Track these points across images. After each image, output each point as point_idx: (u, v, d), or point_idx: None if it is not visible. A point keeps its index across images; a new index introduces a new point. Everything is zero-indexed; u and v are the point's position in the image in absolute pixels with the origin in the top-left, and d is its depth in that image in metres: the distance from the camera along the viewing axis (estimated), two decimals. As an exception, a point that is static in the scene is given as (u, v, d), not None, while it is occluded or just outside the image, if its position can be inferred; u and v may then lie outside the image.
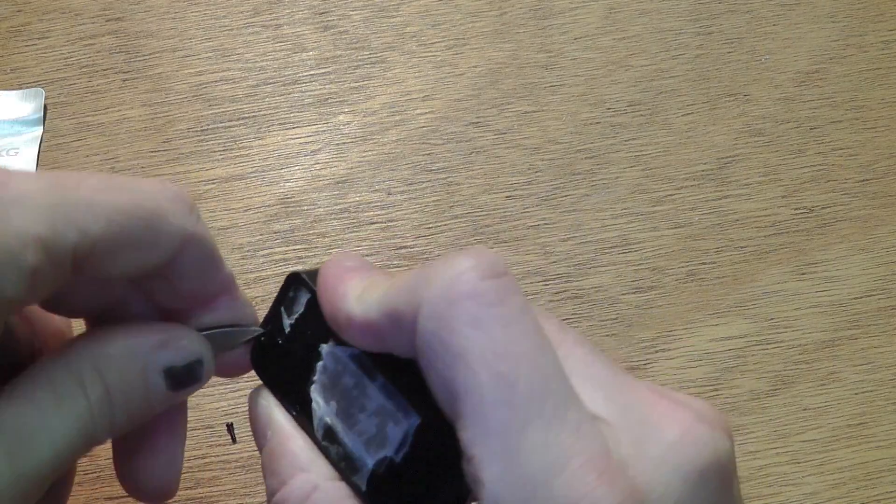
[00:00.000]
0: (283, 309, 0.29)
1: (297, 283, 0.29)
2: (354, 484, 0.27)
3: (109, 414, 0.26)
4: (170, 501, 0.30)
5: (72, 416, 0.25)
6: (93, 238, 0.25)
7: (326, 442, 0.28)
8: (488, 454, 0.23)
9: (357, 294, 0.26)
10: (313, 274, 0.29)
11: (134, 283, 0.28)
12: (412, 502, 0.27)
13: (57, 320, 0.29)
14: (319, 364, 0.28)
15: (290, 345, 0.29)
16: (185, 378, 0.28)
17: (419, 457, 0.26)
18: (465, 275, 0.24)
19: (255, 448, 0.43)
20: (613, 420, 0.24)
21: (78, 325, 0.30)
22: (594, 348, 0.26)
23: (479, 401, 0.23)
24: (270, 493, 0.27)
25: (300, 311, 0.29)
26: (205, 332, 0.29)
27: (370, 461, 0.27)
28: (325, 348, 0.28)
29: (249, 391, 0.30)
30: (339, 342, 0.28)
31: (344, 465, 0.27)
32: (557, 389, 0.23)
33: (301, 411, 0.28)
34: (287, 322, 0.29)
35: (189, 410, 0.31)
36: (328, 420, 0.28)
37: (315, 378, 0.28)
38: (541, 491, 0.22)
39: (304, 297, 0.29)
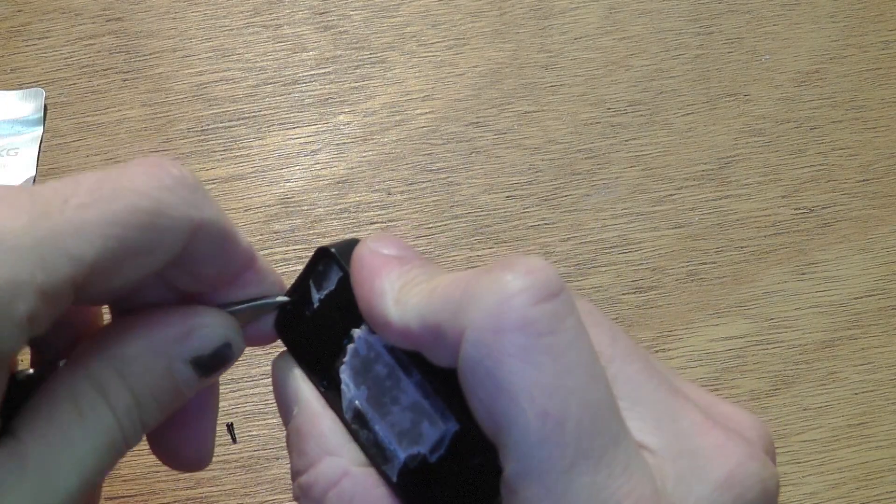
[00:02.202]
0: (311, 282, 0.28)
1: (328, 259, 0.28)
2: (385, 473, 0.26)
3: (138, 417, 0.25)
4: (169, 501, 0.29)
5: (98, 432, 0.24)
6: (89, 262, 0.23)
7: (356, 425, 0.27)
8: (532, 494, 0.22)
9: (395, 295, 0.25)
10: (344, 249, 0.28)
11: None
12: (442, 502, 0.26)
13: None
14: (350, 346, 0.27)
15: (318, 320, 0.28)
16: (214, 363, 0.26)
17: (453, 463, 0.26)
18: (515, 298, 0.22)
19: (255, 448, 0.43)
20: (661, 451, 0.23)
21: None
22: (648, 361, 0.25)
23: (525, 438, 0.22)
24: (296, 473, 0.26)
25: (330, 289, 0.28)
26: (231, 309, 0.27)
27: (402, 454, 0.26)
28: (357, 332, 0.27)
29: (249, 391, 0.29)
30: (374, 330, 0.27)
31: (374, 451, 0.26)
32: (607, 426, 0.22)
33: (329, 387, 0.27)
34: (316, 296, 0.28)
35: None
36: (358, 404, 0.27)
37: (345, 360, 0.27)
38: None
39: (335, 275, 0.28)
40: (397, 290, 0.25)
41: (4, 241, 0.21)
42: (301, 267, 0.28)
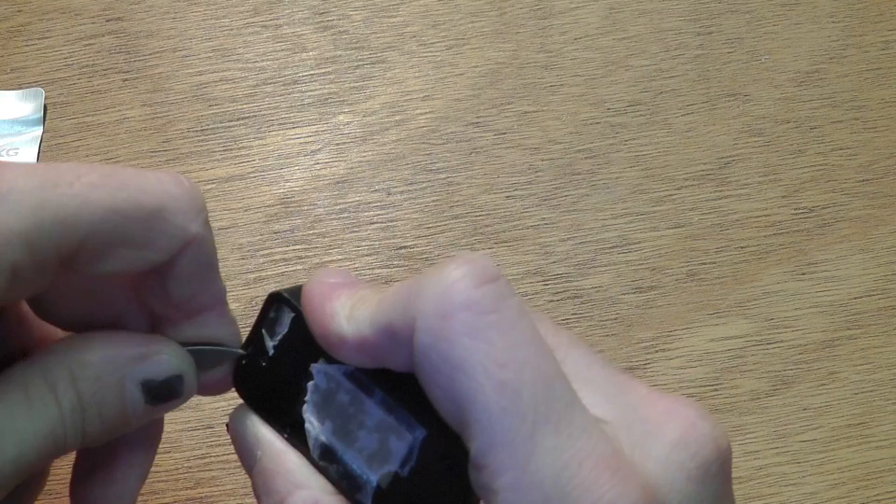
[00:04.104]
0: (264, 330, 0.29)
1: (279, 303, 0.28)
2: (358, 502, 0.26)
3: (81, 422, 0.26)
4: (169, 501, 0.30)
5: (41, 420, 0.25)
6: (81, 236, 0.24)
7: (325, 462, 0.27)
8: (499, 463, 0.22)
9: (346, 313, 0.26)
10: (296, 292, 0.28)
11: (128, 286, 0.28)
12: None
13: (50, 326, 0.29)
14: (310, 383, 0.28)
15: (275, 366, 0.28)
16: (163, 393, 0.27)
17: (426, 470, 0.26)
18: (458, 283, 0.23)
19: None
20: (615, 421, 0.24)
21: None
22: (589, 348, 0.26)
23: (485, 411, 0.23)
24: None
25: (284, 332, 0.28)
26: (188, 348, 0.28)
27: (373, 477, 0.26)
28: (315, 367, 0.28)
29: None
30: (331, 360, 0.27)
31: (346, 483, 0.27)
32: (561, 393, 0.23)
33: (293, 432, 0.28)
34: (270, 344, 0.28)
35: (189, 410, 0.31)
36: (324, 439, 0.27)
37: (307, 398, 0.28)
38: (556, 495, 0.22)
39: (287, 317, 0.28)
40: (348, 309, 0.26)
41: (12, 192, 0.23)
42: (300, 267, 0.29)
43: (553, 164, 0.50)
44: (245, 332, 0.29)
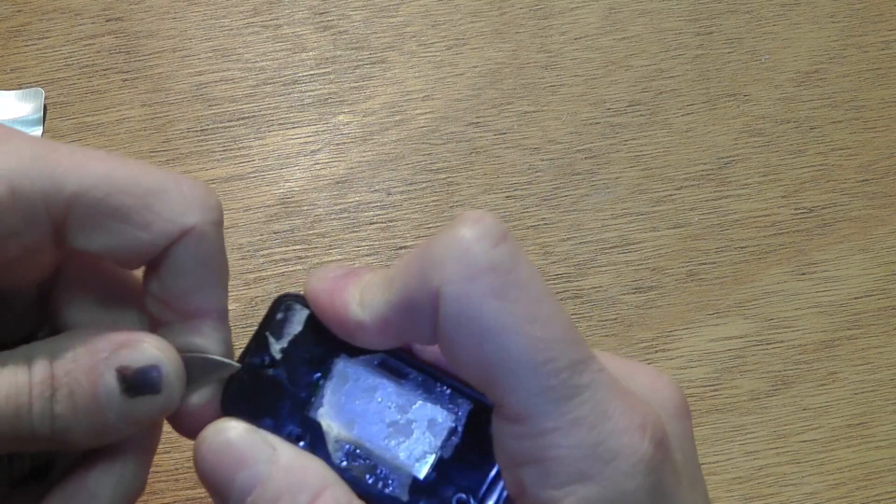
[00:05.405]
0: (268, 334, 0.28)
1: (291, 302, 0.28)
2: (390, 497, 0.26)
3: (50, 399, 0.25)
4: (169, 501, 0.29)
5: (4, 380, 0.25)
6: (68, 195, 0.24)
7: (350, 462, 0.26)
8: (545, 410, 0.24)
9: (358, 300, 0.26)
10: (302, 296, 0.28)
11: (136, 292, 0.28)
12: (464, 492, 0.26)
13: None
14: (329, 383, 0.27)
15: (282, 371, 0.28)
16: (139, 383, 0.26)
17: (471, 443, 0.26)
18: (475, 246, 0.24)
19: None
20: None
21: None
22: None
23: (524, 366, 0.24)
24: None
25: (295, 332, 0.28)
26: (180, 354, 0.27)
27: (410, 468, 0.26)
28: (337, 363, 0.27)
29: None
30: (354, 352, 0.27)
31: (374, 479, 0.26)
32: (580, 339, 0.25)
33: (302, 438, 0.27)
34: (277, 347, 0.28)
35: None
36: (347, 439, 0.27)
37: (324, 400, 0.27)
38: (599, 425, 0.24)
39: (300, 316, 0.28)
40: (359, 296, 0.26)
41: (9, 144, 0.24)
42: (300, 267, 0.29)
43: (553, 164, 0.50)
44: (238, 347, 0.28)
